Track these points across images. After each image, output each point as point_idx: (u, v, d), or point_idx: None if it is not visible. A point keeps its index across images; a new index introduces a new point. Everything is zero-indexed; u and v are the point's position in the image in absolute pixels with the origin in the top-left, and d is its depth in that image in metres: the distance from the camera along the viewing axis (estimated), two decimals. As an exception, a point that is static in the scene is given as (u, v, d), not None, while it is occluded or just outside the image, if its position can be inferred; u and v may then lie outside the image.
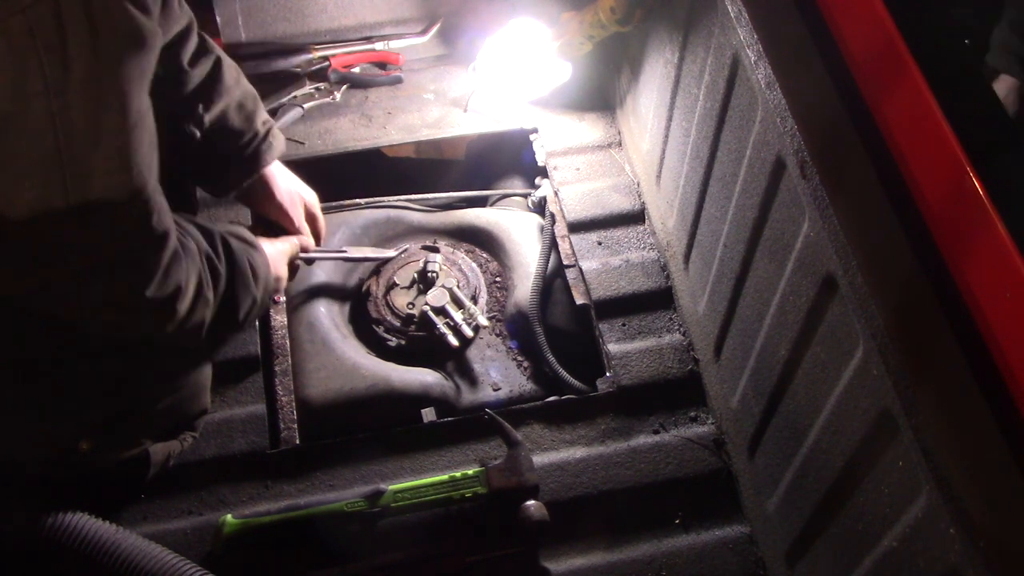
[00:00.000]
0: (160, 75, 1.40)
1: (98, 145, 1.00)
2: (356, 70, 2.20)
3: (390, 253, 1.93)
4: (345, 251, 1.86)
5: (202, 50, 1.49)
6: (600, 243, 1.92)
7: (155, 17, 1.02)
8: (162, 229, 1.13)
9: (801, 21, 1.19)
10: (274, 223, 1.66)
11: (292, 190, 1.66)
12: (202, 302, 1.26)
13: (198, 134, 1.51)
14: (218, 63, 1.51)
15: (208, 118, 1.50)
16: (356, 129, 2.10)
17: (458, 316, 1.80)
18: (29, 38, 0.90)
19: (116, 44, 0.97)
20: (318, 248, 1.74)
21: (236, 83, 1.54)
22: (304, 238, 1.68)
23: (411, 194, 2.07)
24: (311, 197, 1.72)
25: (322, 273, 1.90)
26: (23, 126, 0.94)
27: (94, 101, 0.98)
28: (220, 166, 1.58)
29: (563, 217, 1.95)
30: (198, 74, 1.48)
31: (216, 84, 1.50)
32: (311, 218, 1.72)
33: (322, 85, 2.15)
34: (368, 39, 2.22)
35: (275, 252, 1.55)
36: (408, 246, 1.96)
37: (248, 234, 1.46)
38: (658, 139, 1.84)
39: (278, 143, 1.61)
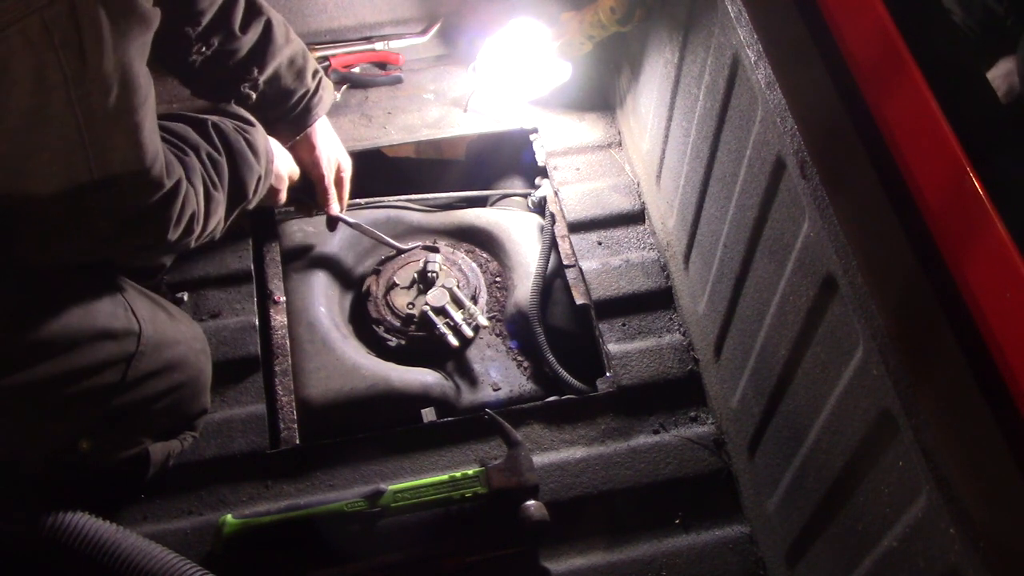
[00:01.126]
0: (215, 45, 1.50)
1: (116, 123, 1.07)
2: (356, 70, 2.20)
3: (404, 246, 1.94)
4: (358, 223, 1.89)
5: (252, 12, 1.55)
6: (600, 243, 1.92)
7: None
8: (173, 180, 1.21)
9: (801, 21, 1.19)
10: (304, 175, 1.75)
11: (329, 149, 1.76)
12: (214, 205, 1.34)
13: (253, 96, 1.58)
14: (268, 24, 1.56)
15: (262, 79, 1.57)
16: (356, 129, 2.10)
17: (458, 316, 1.80)
18: (46, 35, 0.95)
19: (127, 34, 1.03)
20: (341, 214, 1.84)
21: (287, 41, 1.60)
22: (319, 193, 1.78)
23: (411, 194, 2.07)
24: (346, 161, 1.82)
25: (323, 273, 1.90)
26: (47, 116, 1.01)
27: (110, 87, 1.04)
28: (276, 119, 1.66)
29: (563, 217, 1.95)
30: (250, 39, 1.54)
31: (268, 46, 1.56)
32: (339, 182, 1.81)
33: (322, 85, 2.15)
34: (368, 39, 2.22)
35: (275, 144, 1.62)
36: (418, 244, 1.96)
37: (243, 112, 1.51)
38: (658, 139, 1.84)
39: (327, 96, 1.71)
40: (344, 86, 2.17)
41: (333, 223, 1.86)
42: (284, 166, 1.64)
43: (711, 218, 1.60)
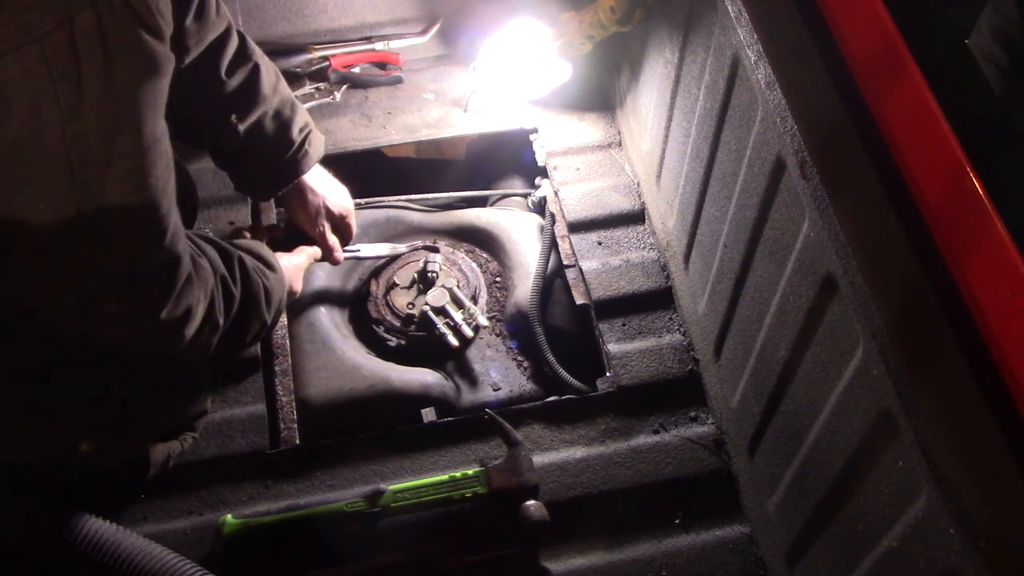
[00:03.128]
0: (196, 84, 1.42)
1: (111, 166, 1.00)
2: (356, 70, 2.20)
3: (401, 248, 1.93)
4: (358, 250, 1.87)
5: (241, 57, 1.48)
6: (600, 243, 1.92)
7: (167, 42, 1.02)
8: (176, 251, 1.14)
9: (801, 21, 1.19)
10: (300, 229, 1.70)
11: (324, 200, 1.67)
12: (210, 326, 1.27)
13: (233, 144, 1.51)
14: (255, 70, 1.49)
15: (243, 128, 1.49)
16: (356, 129, 2.10)
17: (458, 316, 1.80)
18: (43, 66, 0.90)
19: (130, 71, 0.97)
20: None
21: (274, 91, 1.53)
22: (322, 250, 1.71)
23: (411, 194, 2.07)
24: (347, 204, 1.73)
25: (323, 274, 1.90)
26: (38, 151, 0.95)
27: (108, 126, 0.98)
28: (256, 174, 1.60)
29: (563, 217, 1.95)
30: (234, 83, 1.47)
31: (252, 93, 1.49)
32: (345, 226, 1.74)
33: (322, 85, 2.15)
34: (368, 39, 2.22)
35: (291, 267, 1.58)
36: (417, 242, 1.96)
37: (267, 252, 1.46)
38: (658, 139, 1.84)
39: (315, 150, 1.62)
40: (344, 86, 2.17)
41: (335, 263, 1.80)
42: (296, 284, 1.60)
43: (711, 218, 1.60)
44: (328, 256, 1.72)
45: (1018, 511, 0.87)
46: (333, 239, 1.71)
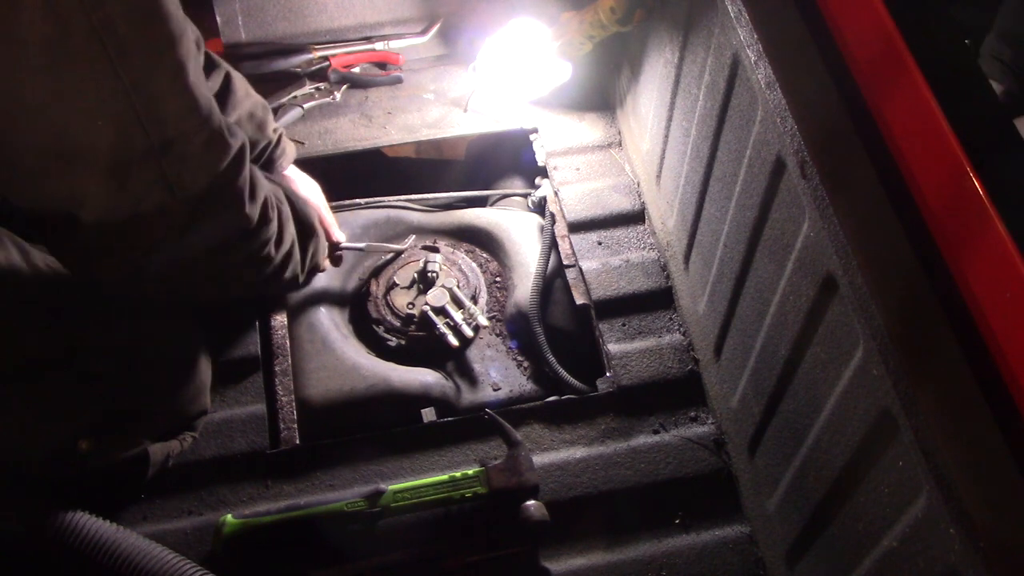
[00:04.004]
0: None
1: (154, 60, 0.98)
2: (356, 70, 2.20)
3: (405, 245, 1.93)
4: (362, 246, 1.88)
5: (210, 64, 1.50)
6: (600, 243, 1.92)
7: None
8: (238, 140, 1.14)
9: (801, 21, 1.19)
10: None
11: (308, 192, 1.71)
12: (287, 239, 1.32)
13: None
14: (228, 77, 1.53)
15: None
16: (356, 129, 2.10)
17: (458, 316, 1.80)
18: None
19: None
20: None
21: (246, 95, 1.56)
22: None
23: (411, 194, 2.07)
24: (319, 201, 1.75)
25: (322, 274, 1.90)
26: (71, 50, 0.91)
27: (134, 9, 0.95)
28: None
29: (563, 217, 1.95)
30: (211, 87, 1.47)
31: (228, 97, 1.52)
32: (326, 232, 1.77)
33: (322, 85, 2.15)
34: (368, 39, 2.22)
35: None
36: (414, 237, 1.96)
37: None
38: (658, 139, 1.84)
39: (290, 149, 1.67)
40: (344, 86, 2.17)
41: (337, 260, 1.84)
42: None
43: (711, 218, 1.60)
44: (329, 236, 1.77)
45: (1018, 511, 0.87)
46: (332, 219, 1.77)
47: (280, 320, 1.80)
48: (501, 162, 2.21)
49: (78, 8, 0.89)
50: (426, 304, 1.81)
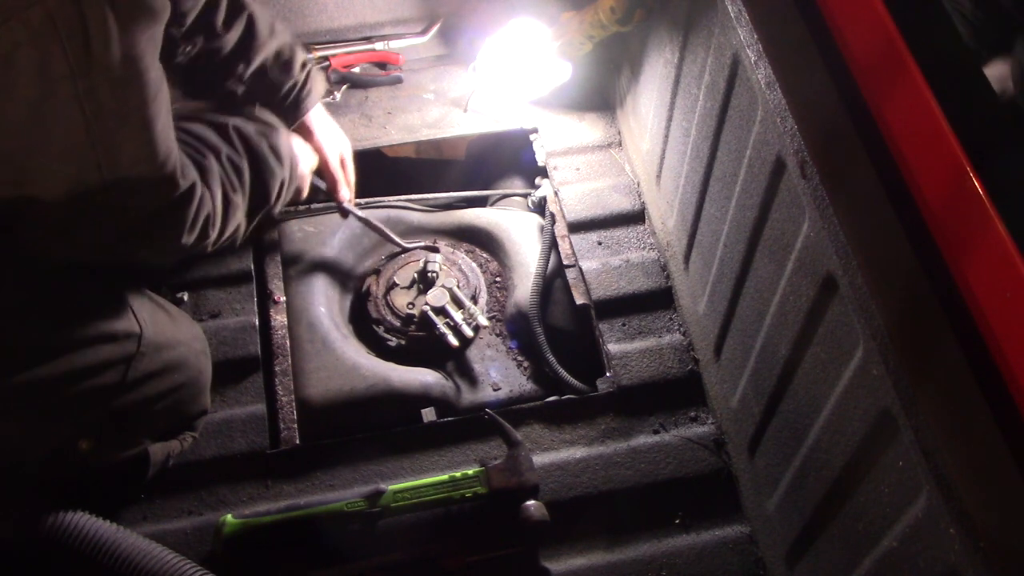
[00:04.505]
0: (199, 44, 1.48)
1: (126, 121, 1.05)
2: (356, 70, 2.20)
3: (409, 244, 1.93)
4: (373, 222, 1.89)
5: (234, 9, 1.52)
6: (600, 243, 1.92)
7: None
8: (188, 182, 1.19)
9: (801, 21, 1.19)
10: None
11: (329, 136, 1.74)
12: (232, 211, 1.33)
13: (240, 90, 1.56)
14: (251, 19, 1.54)
15: (247, 74, 1.55)
16: (356, 129, 2.10)
17: (458, 316, 1.80)
18: (50, 26, 0.93)
19: (134, 22, 1.00)
20: (354, 204, 1.86)
21: (271, 35, 1.58)
22: (328, 182, 1.79)
23: (411, 194, 2.07)
24: (346, 147, 1.80)
25: (323, 273, 1.90)
26: (52, 110, 0.98)
27: (117, 79, 1.01)
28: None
29: (563, 217, 1.95)
30: (233, 36, 1.52)
31: (252, 41, 1.54)
32: (343, 166, 1.80)
33: (322, 85, 2.15)
34: (368, 39, 2.22)
35: (298, 143, 1.62)
36: (420, 243, 1.96)
37: (268, 116, 1.51)
38: (658, 139, 1.84)
39: (318, 87, 1.68)
40: (344, 86, 2.17)
41: (344, 212, 1.85)
42: (307, 164, 1.64)
43: (711, 218, 1.60)
44: (333, 186, 1.79)
45: (1018, 511, 0.87)
46: (340, 173, 1.79)
47: (280, 320, 1.80)
48: (501, 162, 2.21)
49: (67, 76, 0.96)
50: (426, 304, 1.81)
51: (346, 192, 1.81)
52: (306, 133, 1.70)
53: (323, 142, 1.72)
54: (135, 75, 1.03)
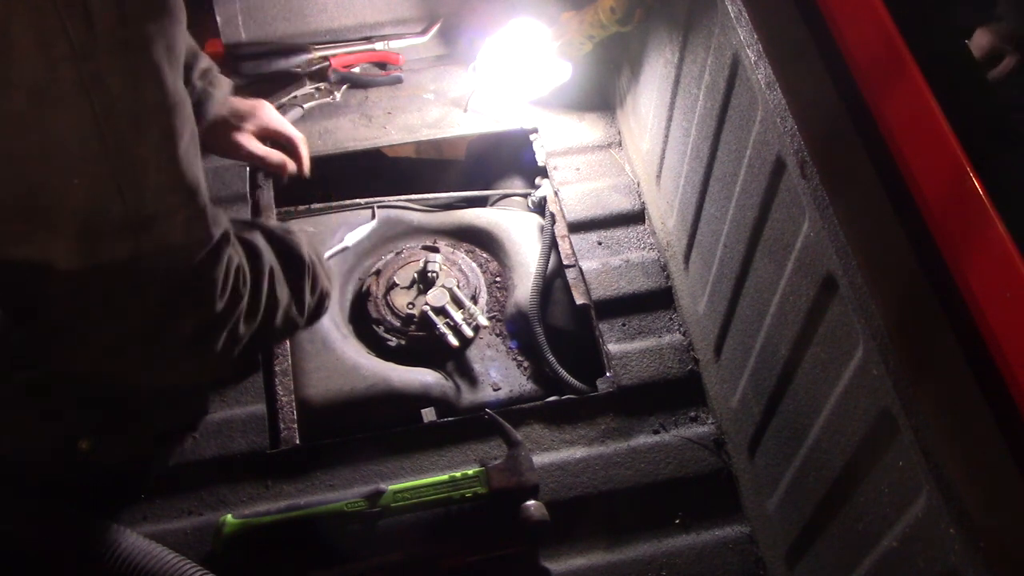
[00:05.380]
0: None
1: (142, 126, 0.93)
2: (356, 70, 2.20)
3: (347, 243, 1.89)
4: (346, 245, 1.86)
5: None
6: (600, 243, 1.92)
7: None
8: (220, 229, 1.07)
9: (801, 21, 1.19)
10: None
11: (238, 127, 1.61)
12: (260, 305, 1.20)
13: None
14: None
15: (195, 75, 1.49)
16: (356, 129, 2.10)
17: (458, 316, 1.80)
18: None
19: (144, 11, 0.91)
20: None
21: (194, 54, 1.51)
22: (265, 165, 1.68)
23: (411, 194, 2.07)
24: (264, 117, 1.67)
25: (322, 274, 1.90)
26: (56, 99, 0.87)
27: (129, 71, 0.90)
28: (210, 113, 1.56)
29: (563, 217, 1.95)
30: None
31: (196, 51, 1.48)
32: (277, 136, 1.69)
33: (322, 85, 2.15)
34: (368, 39, 2.22)
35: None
36: (408, 245, 1.96)
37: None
38: (658, 139, 1.84)
39: (220, 92, 1.56)
40: (344, 86, 2.17)
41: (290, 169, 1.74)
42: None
43: (711, 218, 1.60)
44: (271, 165, 1.68)
45: (1018, 511, 0.87)
46: (267, 150, 1.67)
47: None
48: (501, 162, 2.21)
49: (70, 57, 0.85)
50: (426, 304, 1.81)
51: (277, 159, 1.68)
52: (217, 128, 1.59)
53: (233, 131, 1.62)
54: (148, 68, 0.91)
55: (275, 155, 1.68)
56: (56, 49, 0.85)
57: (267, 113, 1.68)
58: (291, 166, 1.70)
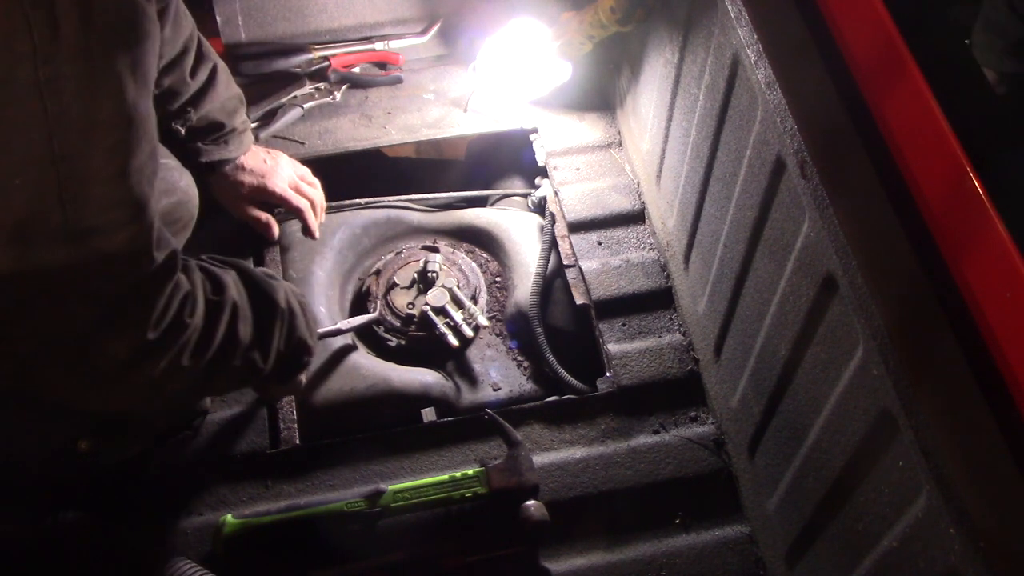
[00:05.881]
0: (165, 87, 1.45)
1: (92, 134, 0.91)
2: (356, 70, 2.20)
3: (374, 315, 1.85)
4: (340, 328, 1.76)
5: (200, 57, 1.53)
6: (600, 243, 1.92)
7: (153, 4, 0.95)
8: (164, 252, 1.03)
9: (801, 21, 1.19)
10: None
11: (259, 166, 1.71)
12: (216, 337, 1.15)
13: (183, 132, 1.57)
14: (214, 70, 1.56)
15: (195, 118, 1.56)
16: (356, 129, 2.10)
17: (458, 316, 1.80)
18: None
19: (107, 16, 0.88)
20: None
21: (226, 87, 1.60)
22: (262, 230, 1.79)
23: (411, 194, 2.07)
24: (281, 173, 1.76)
25: (322, 273, 1.90)
26: (10, 96, 0.84)
27: (85, 78, 0.88)
28: (194, 155, 1.63)
29: (563, 217, 1.95)
30: (197, 83, 1.53)
31: (210, 90, 1.56)
32: (281, 204, 1.78)
33: (322, 85, 2.15)
34: (368, 39, 2.22)
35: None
36: (408, 245, 1.96)
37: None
38: (658, 139, 1.84)
39: (247, 140, 1.69)
40: (344, 86, 2.17)
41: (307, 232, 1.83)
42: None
43: (711, 218, 1.60)
44: (259, 228, 1.79)
45: (1018, 511, 0.87)
46: (258, 214, 1.78)
47: (280, 320, 1.80)
48: (501, 162, 2.21)
49: (29, 57, 0.83)
50: (426, 304, 1.81)
51: (276, 231, 1.81)
52: (232, 178, 1.70)
53: (275, 174, 1.73)
54: (107, 80, 0.90)
55: (262, 219, 1.79)
56: (17, 46, 0.83)
57: (277, 180, 1.74)
58: (275, 231, 1.80)
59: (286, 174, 1.76)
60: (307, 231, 1.80)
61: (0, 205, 0.89)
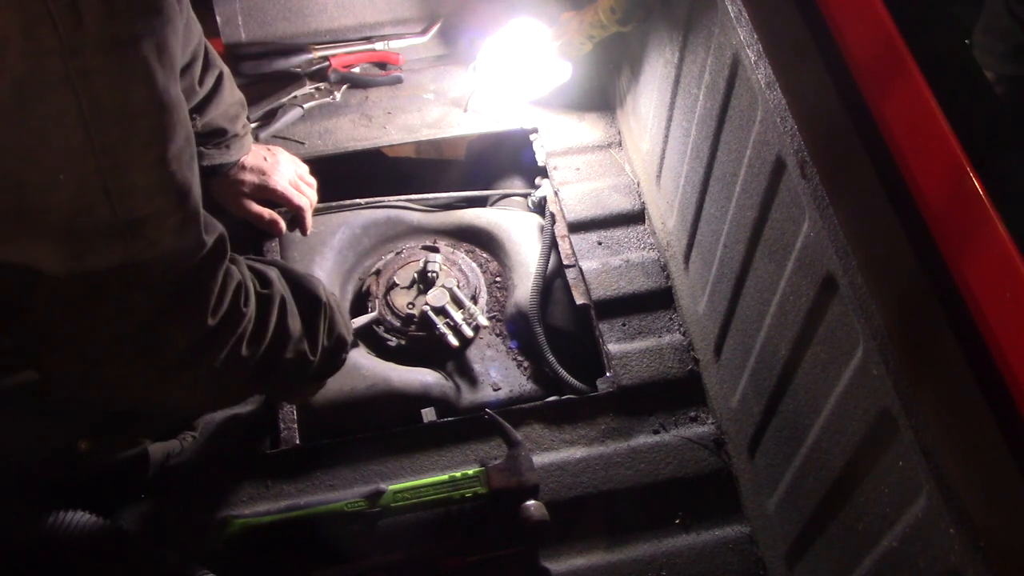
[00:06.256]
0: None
1: (130, 125, 0.90)
2: (356, 70, 2.20)
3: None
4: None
5: (208, 64, 1.53)
6: (600, 243, 1.92)
7: None
8: (213, 235, 1.04)
9: (801, 21, 1.19)
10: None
11: (263, 162, 1.70)
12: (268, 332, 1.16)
13: None
14: (220, 76, 1.55)
15: (199, 124, 1.55)
16: (356, 129, 2.10)
17: (458, 316, 1.80)
18: None
19: (135, 10, 0.88)
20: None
21: (231, 93, 1.60)
22: (262, 226, 1.75)
23: (411, 194, 2.07)
24: (282, 170, 1.74)
25: (321, 273, 1.90)
26: (41, 92, 0.84)
27: (116, 69, 0.87)
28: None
29: (563, 217, 1.95)
30: (204, 89, 1.53)
31: (216, 97, 1.55)
32: (282, 202, 1.75)
33: (322, 85, 2.15)
34: (368, 39, 2.22)
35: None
36: (408, 245, 1.96)
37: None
38: (658, 139, 1.84)
39: (247, 143, 1.68)
40: (344, 86, 2.17)
41: (303, 229, 1.82)
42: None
43: (711, 218, 1.60)
44: (262, 225, 1.75)
45: (1018, 511, 0.87)
46: (260, 210, 1.74)
47: (280, 320, 1.80)
48: (501, 162, 2.21)
49: (56, 51, 0.82)
50: (426, 304, 1.82)
51: (303, 200, 1.77)
52: (232, 180, 1.69)
53: (277, 172, 1.72)
54: (136, 66, 0.89)
55: (265, 216, 1.75)
56: (43, 41, 0.82)
57: (278, 177, 1.73)
58: (282, 225, 1.76)
59: (287, 171, 1.76)
60: (301, 228, 1.79)
61: (48, 204, 0.89)
